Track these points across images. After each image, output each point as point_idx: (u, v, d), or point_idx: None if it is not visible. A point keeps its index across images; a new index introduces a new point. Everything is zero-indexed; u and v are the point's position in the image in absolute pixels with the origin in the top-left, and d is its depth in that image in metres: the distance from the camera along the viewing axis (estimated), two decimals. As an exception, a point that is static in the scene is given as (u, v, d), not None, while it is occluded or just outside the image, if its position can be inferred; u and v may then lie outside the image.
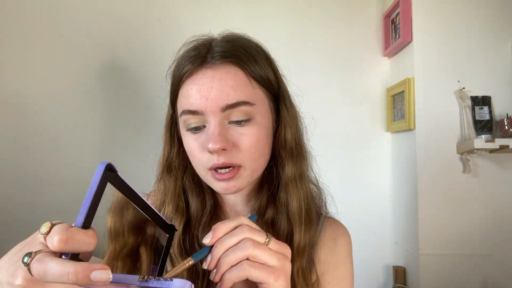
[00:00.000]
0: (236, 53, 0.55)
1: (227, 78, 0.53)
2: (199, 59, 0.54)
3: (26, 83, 1.68)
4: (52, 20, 1.70)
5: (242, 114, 0.54)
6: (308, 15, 1.78)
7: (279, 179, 0.61)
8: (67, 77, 1.69)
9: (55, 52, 1.69)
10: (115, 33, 1.72)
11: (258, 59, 0.57)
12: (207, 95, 0.52)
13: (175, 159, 0.63)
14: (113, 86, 1.72)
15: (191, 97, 0.53)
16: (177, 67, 0.57)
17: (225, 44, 0.56)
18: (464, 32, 1.50)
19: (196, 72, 0.54)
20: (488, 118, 1.45)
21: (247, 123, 0.54)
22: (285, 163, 0.61)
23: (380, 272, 1.74)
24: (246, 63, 0.55)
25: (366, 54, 1.79)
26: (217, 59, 0.54)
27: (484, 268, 1.45)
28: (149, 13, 1.73)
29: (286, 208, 0.60)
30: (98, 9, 1.72)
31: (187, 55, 0.56)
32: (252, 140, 0.55)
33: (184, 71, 0.55)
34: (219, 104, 0.52)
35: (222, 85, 0.52)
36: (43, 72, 1.69)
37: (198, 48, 0.56)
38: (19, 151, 1.67)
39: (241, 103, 0.53)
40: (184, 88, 0.55)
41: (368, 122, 1.79)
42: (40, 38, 1.69)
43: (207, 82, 0.53)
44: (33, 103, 1.68)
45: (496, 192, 1.46)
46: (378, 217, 1.76)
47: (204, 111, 0.53)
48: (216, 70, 0.53)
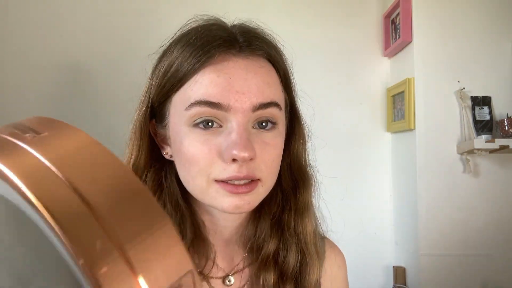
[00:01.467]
0: (269, 48, 0.47)
1: (263, 72, 0.45)
2: (227, 43, 0.44)
3: (26, 83, 1.68)
4: (52, 20, 1.70)
5: (272, 118, 0.46)
6: (308, 15, 1.78)
7: (290, 203, 0.54)
8: (67, 77, 1.69)
9: (55, 52, 1.69)
10: (115, 33, 1.72)
11: (285, 60, 0.51)
12: (238, 88, 0.43)
13: (142, 168, 0.50)
14: (113, 86, 1.71)
15: (216, 86, 0.43)
16: (190, 46, 0.45)
17: (254, 33, 0.48)
18: (464, 32, 1.50)
19: (223, 58, 0.44)
20: (488, 118, 1.45)
21: (272, 130, 0.46)
22: (299, 187, 0.54)
23: (380, 272, 1.74)
24: (278, 61, 0.48)
25: (366, 54, 1.79)
26: (249, 49, 0.45)
27: (484, 268, 1.45)
28: (150, 13, 1.73)
29: (296, 239, 0.53)
30: (98, 8, 1.71)
31: (208, 35, 0.45)
32: (275, 152, 0.47)
33: (206, 54, 0.43)
34: (253, 101, 0.43)
35: (258, 80, 0.44)
36: (43, 71, 1.68)
37: (222, 29, 0.47)
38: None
39: (273, 104, 0.45)
40: (204, 74, 0.43)
41: (368, 122, 1.79)
42: (40, 37, 1.68)
43: (239, 73, 0.43)
44: (31, 103, 1.68)
45: (496, 192, 1.46)
46: (378, 217, 1.76)
47: (232, 106, 0.42)
48: (249, 61, 0.45)
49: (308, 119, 0.58)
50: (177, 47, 0.47)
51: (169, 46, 0.49)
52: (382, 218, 1.76)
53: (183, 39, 0.47)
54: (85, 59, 1.70)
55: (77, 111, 1.68)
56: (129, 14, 1.72)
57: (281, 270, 0.52)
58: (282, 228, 0.53)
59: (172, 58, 0.46)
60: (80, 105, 1.68)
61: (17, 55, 1.67)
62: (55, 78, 1.69)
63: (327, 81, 1.77)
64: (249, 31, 0.48)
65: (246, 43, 0.45)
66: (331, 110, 1.77)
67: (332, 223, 0.67)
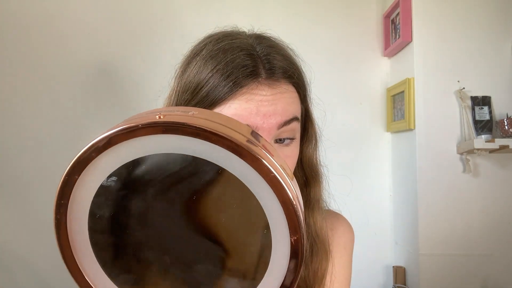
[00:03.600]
0: (290, 69, 0.52)
1: (286, 95, 0.51)
2: (254, 73, 0.49)
3: (27, 83, 1.68)
4: (52, 19, 1.70)
5: (291, 132, 0.51)
6: (308, 15, 1.78)
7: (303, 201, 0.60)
8: (66, 77, 1.69)
9: (54, 51, 1.69)
10: (115, 34, 1.72)
11: (303, 73, 0.56)
12: (265, 111, 0.48)
13: None
14: (112, 87, 1.71)
15: (245, 110, 0.48)
16: (219, 72, 0.49)
17: (276, 56, 0.52)
18: (464, 32, 1.50)
19: (251, 87, 0.49)
20: (488, 118, 1.45)
21: (291, 143, 0.52)
22: (311, 185, 0.59)
23: (380, 272, 1.74)
24: (298, 81, 0.54)
25: (366, 54, 1.79)
26: (274, 78, 0.50)
27: (484, 268, 1.45)
28: (150, 14, 1.73)
29: (308, 231, 0.58)
30: (99, 9, 1.71)
31: (235, 61, 0.49)
32: (293, 161, 0.53)
33: (236, 86, 0.48)
34: (278, 120, 0.49)
35: (282, 102, 0.50)
36: (43, 71, 1.68)
37: (248, 54, 0.51)
38: (17, 151, 1.67)
39: (294, 118, 0.51)
40: (234, 102, 0.48)
41: (368, 122, 1.79)
42: (40, 37, 1.69)
43: (267, 99, 0.49)
44: (31, 103, 1.68)
45: (496, 192, 1.46)
46: (378, 217, 1.76)
47: (260, 127, 0.48)
48: (274, 87, 0.50)
49: (320, 121, 0.64)
50: (206, 65, 0.51)
51: (193, 56, 0.53)
52: (382, 218, 1.76)
53: (209, 55, 0.51)
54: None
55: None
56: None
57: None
58: None
59: (201, 77, 0.50)
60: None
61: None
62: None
63: (327, 81, 1.77)
64: (271, 54, 0.52)
65: (270, 71, 0.50)
66: (330, 110, 1.76)
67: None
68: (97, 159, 0.29)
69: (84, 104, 1.70)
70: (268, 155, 0.29)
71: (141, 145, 0.29)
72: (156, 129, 0.28)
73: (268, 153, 0.29)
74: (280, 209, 0.29)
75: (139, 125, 0.28)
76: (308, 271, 0.58)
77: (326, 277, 0.61)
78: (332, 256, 0.62)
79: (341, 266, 0.64)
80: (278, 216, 0.30)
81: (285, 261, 0.30)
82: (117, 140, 0.28)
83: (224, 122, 0.30)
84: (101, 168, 0.29)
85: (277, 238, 0.30)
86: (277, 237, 0.30)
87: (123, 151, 0.29)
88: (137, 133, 0.28)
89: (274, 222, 0.30)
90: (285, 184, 0.29)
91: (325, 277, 0.60)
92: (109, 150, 0.29)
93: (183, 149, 0.28)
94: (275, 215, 0.30)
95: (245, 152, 0.28)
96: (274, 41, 0.56)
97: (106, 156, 0.29)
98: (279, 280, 0.31)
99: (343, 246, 0.66)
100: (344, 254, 0.65)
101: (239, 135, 0.29)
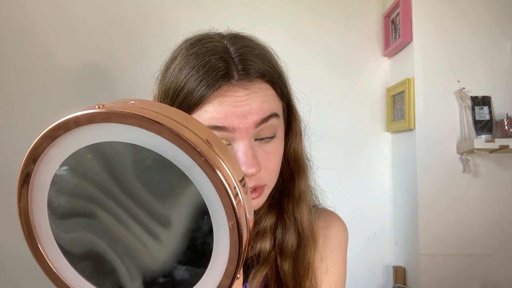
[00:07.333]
0: (264, 66, 0.52)
1: (261, 93, 0.51)
2: (227, 75, 0.49)
3: (27, 83, 1.68)
4: (52, 19, 1.70)
5: (271, 129, 0.52)
6: (308, 16, 1.78)
7: (288, 190, 0.60)
8: (66, 77, 1.69)
9: (54, 51, 1.69)
10: (115, 33, 1.72)
11: (279, 70, 0.56)
12: (240, 112, 0.49)
13: None
14: (112, 87, 1.71)
15: (220, 112, 0.48)
16: (193, 77, 0.50)
17: (249, 55, 0.52)
18: (464, 32, 1.50)
19: (225, 89, 0.49)
20: (488, 118, 1.45)
21: (272, 140, 0.53)
22: (296, 177, 0.60)
23: (380, 272, 1.74)
24: (273, 77, 0.53)
25: (366, 54, 1.79)
26: (247, 78, 0.50)
27: (484, 268, 1.45)
28: (150, 14, 1.73)
29: (295, 223, 0.59)
30: (98, 9, 1.71)
31: (207, 64, 0.50)
32: (276, 158, 0.54)
33: (210, 88, 0.49)
34: (255, 119, 0.49)
35: (258, 100, 0.50)
36: (43, 71, 1.68)
37: (220, 57, 0.51)
38: (16, 151, 1.66)
39: (272, 115, 0.51)
40: (209, 105, 0.49)
41: (368, 122, 1.79)
42: (40, 37, 1.69)
43: (241, 100, 0.49)
44: (31, 103, 1.68)
45: (496, 192, 1.46)
46: (378, 217, 1.76)
47: (237, 127, 0.48)
48: (248, 86, 0.50)
49: (305, 115, 0.64)
50: (180, 71, 0.52)
51: (171, 62, 0.54)
52: (382, 218, 1.76)
53: (184, 61, 0.52)
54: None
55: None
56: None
57: (281, 248, 0.59)
58: (281, 211, 0.60)
59: (177, 84, 0.51)
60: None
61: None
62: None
63: (327, 81, 1.78)
64: (244, 54, 0.52)
65: (243, 72, 0.50)
66: (331, 110, 1.77)
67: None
68: (48, 149, 0.31)
69: (84, 104, 1.70)
70: (200, 139, 0.30)
71: (85, 134, 0.31)
72: (96, 117, 0.30)
73: (198, 137, 0.30)
74: (216, 194, 0.30)
75: (79, 114, 0.30)
76: (297, 265, 0.58)
77: (320, 274, 0.61)
78: (319, 249, 0.62)
79: (335, 264, 0.64)
80: (215, 201, 0.30)
81: (227, 247, 0.31)
82: (65, 129, 0.31)
83: (161, 110, 0.31)
84: (54, 158, 0.32)
85: (217, 225, 0.31)
86: (218, 223, 0.31)
87: (69, 141, 0.31)
88: (80, 122, 0.30)
89: (213, 208, 0.30)
90: (218, 168, 0.29)
91: (314, 271, 0.60)
92: (57, 140, 0.31)
93: (124, 137, 0.30)
94: (213, 199, 0.30)
95: (177, 137, 0.29)
96: (249, 41, 0.56)
97: (55, 146, 0.31)
98: (223, 266, 0.32)
99: (337, 243, 0.65)
100: (338, 251, 0.65)
101: (171, 121, 0.30)
